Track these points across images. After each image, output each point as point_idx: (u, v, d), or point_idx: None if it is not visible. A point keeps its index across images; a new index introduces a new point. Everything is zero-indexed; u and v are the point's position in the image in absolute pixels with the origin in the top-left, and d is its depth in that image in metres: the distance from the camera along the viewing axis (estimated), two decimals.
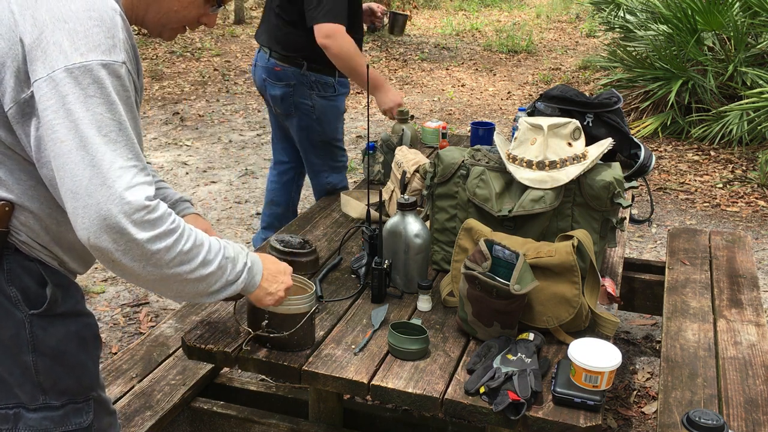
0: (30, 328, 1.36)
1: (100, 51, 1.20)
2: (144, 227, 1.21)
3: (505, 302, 1.67)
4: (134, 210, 1.19)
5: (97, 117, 1.19)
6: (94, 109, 1.19)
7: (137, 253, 1.22)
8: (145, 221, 1.21)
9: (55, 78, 1.18)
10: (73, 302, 1.43)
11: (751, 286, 2.67)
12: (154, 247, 1.23)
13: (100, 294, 3.57)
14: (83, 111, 1.18)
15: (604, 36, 9.43)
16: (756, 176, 5.13)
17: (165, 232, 1.24)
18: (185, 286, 1.31)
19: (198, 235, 1.32)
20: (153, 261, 1.24)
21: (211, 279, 1.34)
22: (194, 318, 2.60)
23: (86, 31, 1.20)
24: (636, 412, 2.71)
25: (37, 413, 1.41)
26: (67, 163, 1.18)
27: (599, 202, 1.90)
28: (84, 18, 1.21)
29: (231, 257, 1.39)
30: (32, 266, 1.36)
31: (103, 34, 1.21)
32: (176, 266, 1.27)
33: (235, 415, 2.24)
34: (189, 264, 1.29)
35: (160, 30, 1.44)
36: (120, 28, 1.24)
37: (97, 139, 1.18)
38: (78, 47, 1.19)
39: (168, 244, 1.24)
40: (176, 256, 1.26)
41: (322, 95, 3.01)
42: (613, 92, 2.33)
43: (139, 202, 1.20)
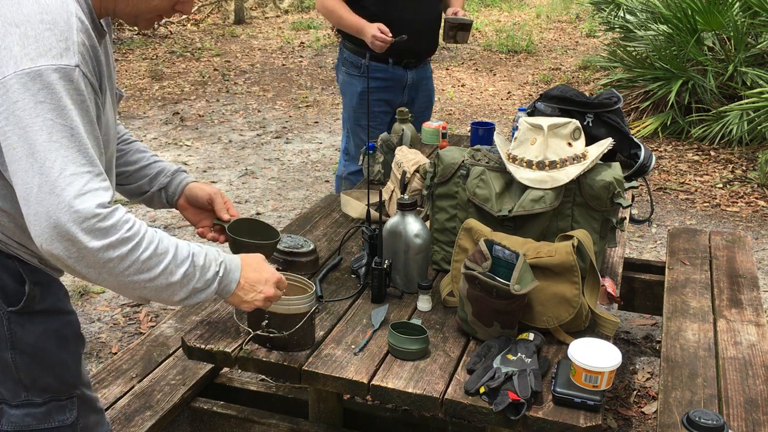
0: (8, 325, 1.36)
1: (51, 55, 1.18)
2: (95, 235, 1.18)
3: (505, 302, 1.67)
4: (83, 218, 1.17)
5: (47, 123, 1.17)
6: (44, 114, 1.17)
7: (90, 261, 1.20)
8: (96, 229, 1.18)
9: (5, 84, 1.16)
10: (53, 300, 1.43)
11: (751, 286, 2.67)
12: (107, 256, 1.20)
13: (100, 294, 3.57)
14: (33, 117, 1.16)
15: (604, 36, 9.42)
16: (756, 176, 5.13)
17: (119, 241, 1.20)
18: (146, 293, 1.28)
19: (163, 243, 1.28)
20: (107, 269, 1.21)
21: (174, 287, 1.30)
22: (194, 318, 2.60)
23: (37, 35, 1.18)
24: (636, 412, 2.71)
25: (19, 410, 1.42)
26: (18, 170, 1.17)
27: (599, 202, 1.90)
28: (36, 22, 1.19)
29: (201, 265, 1.34)
30: (9, 264, 1.36)
31: (54, 38, 1.19)
32: (133, 275, 1.24)
33: (235, 415, 2.24)
34: (148, 273, 1.25)
35: (134, 20, 1.41)
36: (75, 30, 1.22)
37: (46, 146, 1.16)
38: (28, 52, 1.17)
39: (122, 252, 1.21)
40: (132, 264, 1.23)
41: (349, 72, 3.38)
42: (613, 92, 2.33)
43: (89, 210, 1.17)
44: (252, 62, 9.02)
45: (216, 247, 1.47)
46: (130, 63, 8.71)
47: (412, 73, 3.36)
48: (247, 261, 1.48)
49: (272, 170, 5.40)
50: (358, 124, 3.44)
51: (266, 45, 10.02)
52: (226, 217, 1.74)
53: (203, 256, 1.35)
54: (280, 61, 9.14)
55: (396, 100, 3.39)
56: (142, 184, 1.70)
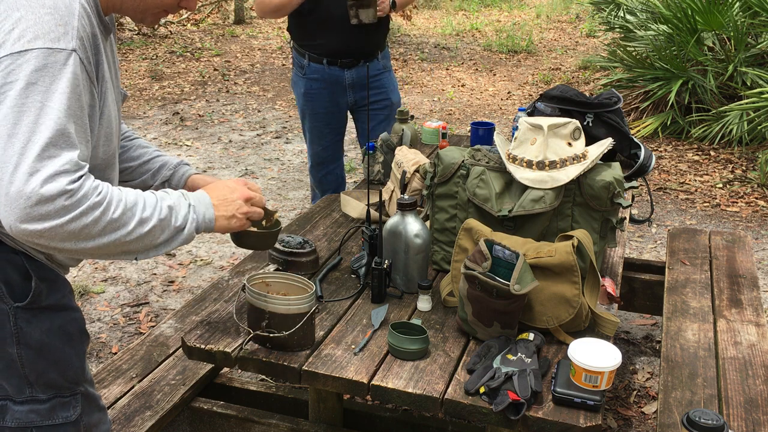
0: (14, 321, 1.37)
1: (48, 39, 1.20)
2: (64, 212, 1.20)
3: (505, 302, 1.67)
4: (48, 200, 1.18)
5: (36, 105, 1.19)
6: (34, 96, 1.19)
7: (64, 235, 1.22)
8: (64, 207, 1.20)
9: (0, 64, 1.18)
10: (59, 296, 1.43)
11: (751, 286, 2.67)
12: (78, 225, 1.22)
13: (100, 294, 3.57)
14: (22, 98, 1.18)
15: (604, 36, 9.42)
16: (756, 176, 5.13)
17: (89, 207, 1.23)
18: (128, 247, 1.30)
19: (129, 197, 1.31)
20: (82, 236, 1.23)
21: (155, 233, 1.33)
22: (194, 318, 2.60)
23: (37, 18, 1.21)
24: (636, 412, 2.71)
25: (23, 406, 1.42)
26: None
27: (599, 202, 1.90)
28: (37, 6, 1.22)
29: (172, 204, 1.37)
30: (17, 259, 1.36)
31: (54, 22, 1.22)
32: (110, 233, 1.26)
33: (235, 415, 2.24)
34: (124, 228, 1.28)
35: (141, 16, 1.43)
36: (77, 16, 1.24)
37: (30, 127, 1.18)
38: (25, 34, 1.20)
39: (95, 217, 1.24)
40: (106, 225, 1.25)
41: (295, 73, 3.36)
42: (613, 92, 2.33)
43: (59, 189, 1.19)
44: (252, 62, 9.02)
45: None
46: (130, 63, 8.71)
47: (351, 72, 3.24)
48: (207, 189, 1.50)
49: (272, 170, 5.40)
50: (306, 127, 3.41)
51: (266, 45, 10.02)
52: None
53: (171, 197, 1.39)
54: (280, 61, 9.14)
55: (342, 100, 3.30)
56: (145, 179, 1.71)
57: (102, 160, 1.40)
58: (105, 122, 1.37)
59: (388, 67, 3.40)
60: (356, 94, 3.30)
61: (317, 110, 3.32)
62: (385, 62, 3.37)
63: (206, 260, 3.94)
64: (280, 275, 1.81)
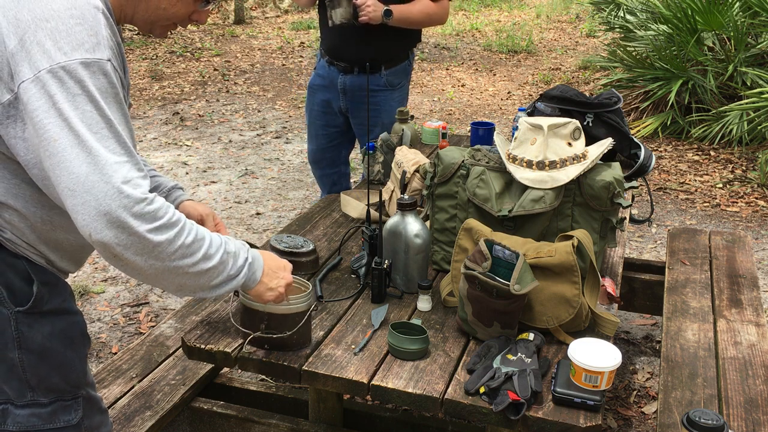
0: (15, 325, 1.37)
1: (84, 49, 1.20)
2: (145, 219, 1.22)
3: (505, 302, 1.67)
4: (133, 203, 1.20)
5: (86, 115, 1.19)
6: (83, 107, 1.19)
7: (139, 247, 1.23)
8: (145, 213, 1.22)
9: (41, 79, 1.18)
10: (60, 300, 1.43)
11: (751, 286, 2.67)
12: (156, 239, 1.23)
13: (100, 294, 3.57)
14: (72, 110, 1.18)
15: (604, 36, 9.42)
16: (756, 176, 5.13)
17: (166, 225, 1.25)
18: (187, 280, 1.32)
19: (199, 230, 1.33)
20: (155, 253, 1.25)
21: (212, 273, 1.35)
22: (194, 318, 2.60)
23: (68, 30, 1.20)
24: (636, 412, 2.71)
25: (25, 410, 1.42)
26: (62, 161, 1.18)
27: (599, 202, 1.90)
28: (66, 17, 1.21)
29: (232, 252, 1.40)
30: (18, 263, 1.36)
31: (85, 33, 1.21)
32: (178, 259, 1.28)
33: (235, 415, 2.24)
34: (191, 257, 1.30)
35: (150, 27, 1.44)
36: (103, 25, 1.24)
37: (89, 137, 1.19)
38: (61, 47, 1.19)
39: (169, 236, 1.25)
40: (178, 248, 1.27)
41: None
42: (613, 92, 2.33)
43: (136, 195, 1.21)
44: (252, 62, 9.01)
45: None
46: (130, 63, 8.71)
47: (344, 78, 3.14)
48: (261, 251, 1.55)
49: (272, 170, 5.40)
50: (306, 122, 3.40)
51: (266, 45, 10.02)
52: None
53: (233, 244, 1.42)
54: (280, 61, 9.14)
55: (334, 102, 3.21)
56: None
57: None
58: None
59: (395, 85, 3.18)
60: (348, 102, 3.19)
61: (313, 106, 3.29)
62: (391, 79, 3.16)
63: None
64: None
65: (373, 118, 3.20)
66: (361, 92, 3.13)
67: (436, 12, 3.05)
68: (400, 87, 3.21)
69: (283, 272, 1.57)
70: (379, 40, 3.03)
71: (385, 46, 3.08)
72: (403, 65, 3.18)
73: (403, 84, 3.23)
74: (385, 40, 3.05)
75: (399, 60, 3.15)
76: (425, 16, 3.04)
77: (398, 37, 3.07)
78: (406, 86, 3.27)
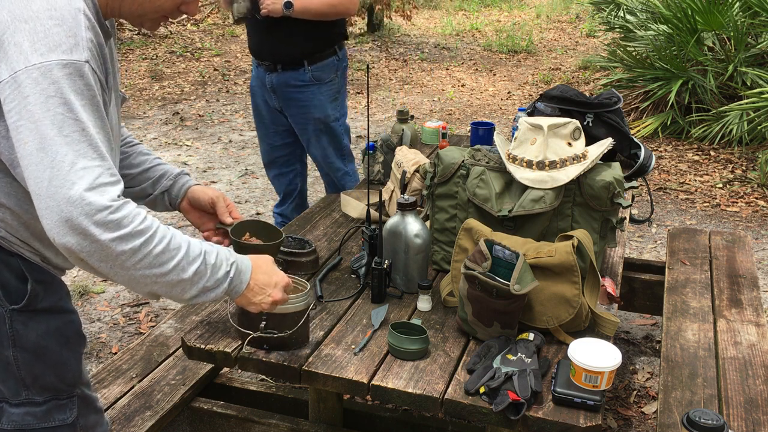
0: (10, 323, 1.36)
1: (61, 50, 1.19)
2: (107, 228, 1.18)
3: (505, 302, 1.67)
4: (96, 210, 1.17)
5: (57, 117, 1.17)
6: (55, 109, 1.17)
7: (102, 255, 1.20)
8: (108, 222, 1.18)
9: (17, 79, 1.17)
10: (55, 298, 1.43)
11: (751, 286, 2.67)
12: (119, 249, 1.20)
13: (100, 294, 3.57)
14: (43, 112, 1.17)
15: (604, 36, 9.42)
16: (756, 176, 5.13)
17: (131, 234, 1.21)
18: (157, 288, 1.28)
19: (176, 239, 1.28)
20: (119, 263, 1.21)
21: (185, 284, 1.30)
22: (194, 318, 2.60)
23: (46, 30, 1.19)
24: (636, 412, 2.71)
25: (19, 408, 1.42)
26: (30, 164, 1.17)
27: (599, 202, 1.90)
28: (44, 18, 1.20)
29: (212, 264, 1.34)
30: (12, 261, 1.36)
31: (63, 34, 1.20)
32: (145, 269, 1.24)
33: (235, 415, 2.24)
34: (160, 268, 1.25)
35: (140, 21, 1.42)
36: (83, 27, 1.23)
37: (57, 140, 1.17)
38: (38, 48, 1.18)
39: (134, 246, 1.21)
40: (144, 258, 1.23)
41: None
42: (613, 92, 2.33)
43: (100, 203, 1.17)
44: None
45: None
46: (130, 63, 8.71)
47: (271, 77, 3.12)
48: (257, 263, 1.48)
49: None
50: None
51: None
52: (229, 221, 1.74)
53: (215, 255, 1.35)
54: None
55: (270, 102, 3.20)
56: (145, 187, 1.70)
57: None
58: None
59: (322, 80, 3.12)
60: (280, 101, 3.16)
61: (256, 109, 3.28)
62: (318, 74, 3.10)
63: None
64: None
65: (303, 114, 3.15)
66: (289, 89, 3.11)
67: (341, 2, 2.97)
68: (329, 82, 3.16)
69: (272, 289, 1.48)
70: (296, 35, 3.01)
71: (305, 41, 3.03)
72: (330, 60, 3.13)
73: (333, 79, 3.18)
74: (304, 35, 3.01)
75: (325, 55, 3.11)
76: (328, 7, 2.96)
77: (318, 32, 3.02)
78: (338, 82, 3.21)
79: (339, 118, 3.26)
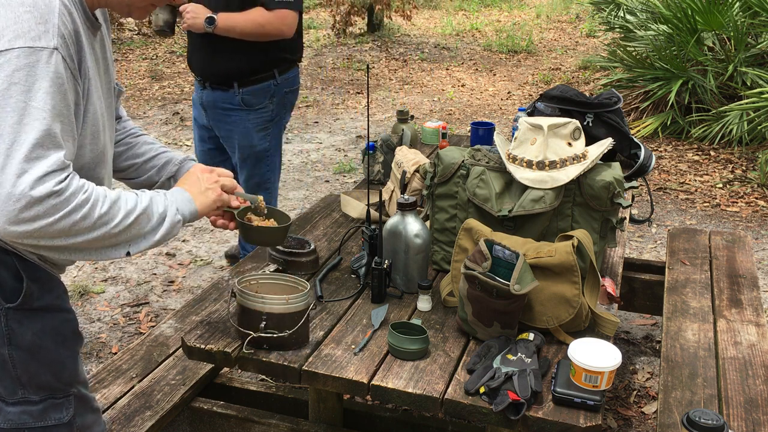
0: (5, 321, 1.36)
1: (29, 37, 1.20)
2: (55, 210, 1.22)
3: (505, 302, 1.67)
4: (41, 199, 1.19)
5: (19, 105, 1.18)
6: (17, 96, 1.18)
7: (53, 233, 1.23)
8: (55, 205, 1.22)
9: None
10: (51, 297, 1.43)
11: (751, 286, 2.67)
12: (69, 222, 1.24)
13: (99, 294, 3.57)
14: (5, 99, 1.18)
15: (604, 36, 9.42)
16: (756, 176, 5.13)
17: (78, 205, 1.25)
18: (118, 238, 1.33)
19: (112, 193, 1.33)
20: (73, 232, 1.25)
21: (141, 221, 1.35)
22: (194, 318, 2.60)
23: (16, 17, 1.20)
24: (636, 412, 2.71)
25: (15, 407, 1.42)
26: None
27: (599, 202, 1.90)
28: (16, 4, 1.21)
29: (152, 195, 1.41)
30: (8, 260, 1.36)
31: (33, 21, 1.21)
32: (100, 227, 1.29)
33: (235, 415, 2.24)
34: (113, 221, 1.30)
35: (128, 10, 1.43)
36: (56, 13, 1.24)
37: (15, 128, 1.18)
38: (5, 34, 1.19)
39: (83, 212, 1.26)
40: (96, 219, 1.28)
41: None
42: (613, 92, 2.33)
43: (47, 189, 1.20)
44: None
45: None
46: (130, 63, 8.71)
47: (202, 93, 2.97)
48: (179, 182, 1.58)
49: None
50: None
51: None
52: (236, 204, 1.72)
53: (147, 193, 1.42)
54: None
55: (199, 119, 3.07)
56: (151, 175, 1.71)
57: (90, 158, 1.40)
58: (90, 120, 1.37)
59: (252, 105, 2.90)
60: (210, 119, 3.00)
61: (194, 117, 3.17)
62: (248, 99, 2.89)
63: (206, 260, 3.94)
64: (269, 277, 1.81)
65: (229, 137, 2.98)
66: (217, 109, 2.94)
67: (271, 22, 2.74)
68: (260, 109, 2.93)
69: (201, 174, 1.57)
70: (223, 53, 2.82)
71: (234, 61, 2.82)
72: (265, 85, 2.90)
73: (265, 106, 2.94)
74: (231, 54, 2.81)
75: (259, 79, 2.88)
76: (256, 26, 2.74)
77: (252, 52, 2.81)
78: (272, 110, 2.97)
79: (268, 149, 3.02)
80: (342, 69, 8.78)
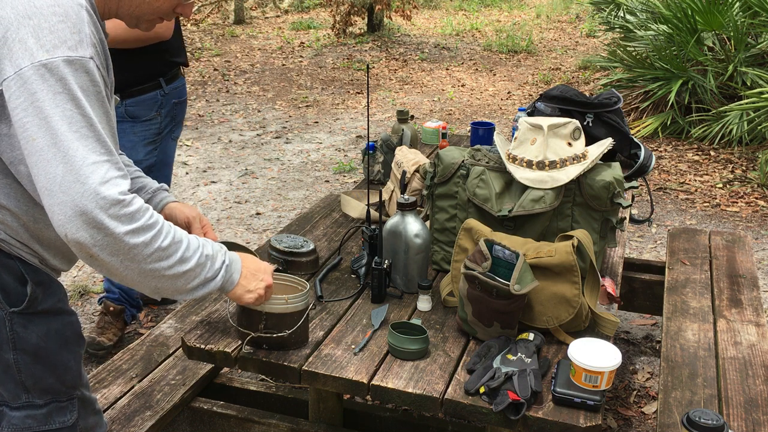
0: (10, 326, 1.36)
1: (67, 47, 1.20)
2: (122, 221, 1.21)
3: (505, 302, 1.67)
4: (110, 204, 1.19)
5: (66, 113, 1.18)
6: (63, 105, 1.18)
7: (115, 248, 1.22)
8: (122, 215, 1.21)
9: (22, 76, 1.17)
10: (54, 300, 1.43)
11: (751, 286, 2.67)
12: (132, 242, 1.22)
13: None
14: (52, 108, 1.17)
15: (604, 36, 9.42)
16: (756, 176, 5.13)
17: (143, 227, 1.24)
18: (163, 282, 1.31)
19: (177, 232, 1.32)
20: (131, 256, 1.24)
21: (189, 275, 1.34)
22: (194, 318, 2.60)
23: (51, 27, 1.20)
24: (636, 412, 2.71)
25: (20, 411, 1.42)
26: (40, 160, 1.18)
27: (599, 202, 1.90)
28: (48, 14, 1.20)
29: (210, 255, 1.39)
30: (12, 264, 1.36)
31: (68, 30, 1.21)
32: (154, 262, 1.27)
33: (235, 415, 2.24)
34: (167, 260, 1.28)
35: (136, 22, 1.43)
36: (86, 22, 1.24)
37: (68, 135, 1.18)
38: (43, 44, 1.18)
39: (146, 239, 1.24)
40: (154, 251, 1.26)
41: None
42: (613, 92, 2.33)
43: (113, 197, 1.19)
44: (252, 62, 9.01)
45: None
46: None
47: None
48: (243, 255, 1.54)
49: (272, 170, 5.40)
50: None
51: (266, 45, 10.02)
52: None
53: (210, 247, 1.41)
54: (280, 61, 9.14)
55: None
56: None
57: None
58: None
59: (138, 117, 2.69)
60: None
61: None
62: (132, 110, 2.68)
63: None
64: None
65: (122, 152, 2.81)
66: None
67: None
68: (146, 121, 2.73)
69: (263, 275, 1.55)
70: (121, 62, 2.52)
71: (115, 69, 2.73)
72: (149, 96, 2.70)
73: (152, 118, 2.74)
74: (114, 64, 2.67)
75: (144, 89, 2.68)
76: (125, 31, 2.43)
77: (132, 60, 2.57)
78: (159, 122, 2.77)
79: (154, 164, 2.81)
80: (342, 69, 8.79)
